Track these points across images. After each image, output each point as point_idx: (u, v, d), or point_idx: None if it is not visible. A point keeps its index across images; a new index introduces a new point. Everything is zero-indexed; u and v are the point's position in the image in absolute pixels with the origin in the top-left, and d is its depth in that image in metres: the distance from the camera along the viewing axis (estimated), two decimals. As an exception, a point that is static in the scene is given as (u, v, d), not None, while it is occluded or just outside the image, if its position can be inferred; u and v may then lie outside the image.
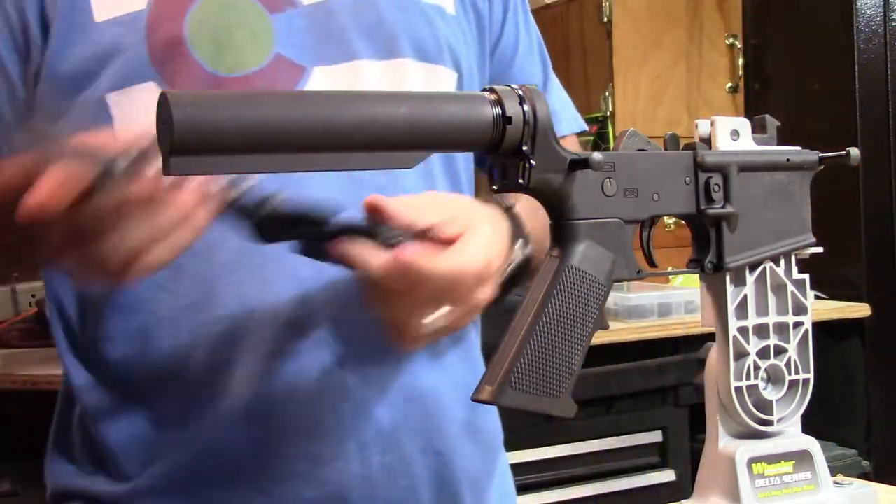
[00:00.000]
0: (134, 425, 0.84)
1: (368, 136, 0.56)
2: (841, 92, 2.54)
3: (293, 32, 0.84)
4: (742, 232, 0.69)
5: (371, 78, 0.86)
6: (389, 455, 0.84)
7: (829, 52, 2.60)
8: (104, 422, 0.85)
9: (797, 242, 0.72)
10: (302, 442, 0.82)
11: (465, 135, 0.59)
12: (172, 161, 0.52)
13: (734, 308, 0.70)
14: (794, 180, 0.72)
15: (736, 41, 2.77)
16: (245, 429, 0.81)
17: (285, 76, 0.83)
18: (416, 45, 0.88)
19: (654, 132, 0.90)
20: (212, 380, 0.82)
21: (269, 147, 0.54)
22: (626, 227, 0.65)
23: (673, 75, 2.69)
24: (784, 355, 0.71)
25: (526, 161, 0.60)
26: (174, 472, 0.83)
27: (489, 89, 0.60)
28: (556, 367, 0.62)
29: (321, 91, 0.79)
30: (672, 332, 2.15)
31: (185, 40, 0.81)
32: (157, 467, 0.83)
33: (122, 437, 0.84)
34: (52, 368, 1.62)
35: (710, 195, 0.68)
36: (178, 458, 0.83)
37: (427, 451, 0.87)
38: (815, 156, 0.72)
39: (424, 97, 0.60)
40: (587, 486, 2.11)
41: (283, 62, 0.83)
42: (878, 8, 2.54)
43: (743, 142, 0.70)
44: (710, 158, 0.68)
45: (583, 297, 0.63)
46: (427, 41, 0.89)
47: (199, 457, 0.82)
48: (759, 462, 0.70)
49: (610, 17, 2.61)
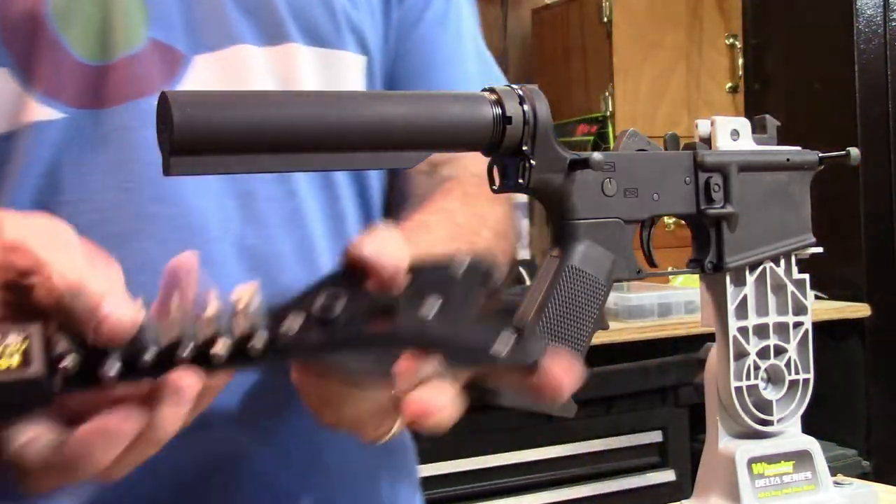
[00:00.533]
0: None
1: (368, 135, 0.56)
2: (841, 92, 2.54)
3: (168, 13, 0.73)
4: (742, 232, 0.69)
5: (256, 66, 0.75)
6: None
7: (829, 52, 2.60)
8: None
9: (797, 242, 0.72)
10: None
11: (465, 135, 0.59)
12: (172, 161, 0.52)
13: (734, 308, 0.70)
14: (794, 180, 0.72)
15: (736, 41, 2.77)
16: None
17: (162, 65, 0.72)
18: (307, 27, 0.77)
19: (654, 132, 0.90)
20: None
21: (270, 147, 0.54)
22: (626, 227, 0.65)
23: (673, 75, 2.69)
24: (784, 355, 0.72)
25: (526, 161, 0.60)
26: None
27: (489, 89, 0.60)
28: (556, 367, 0.62)
29: (322, 91, 0.79)
30: (672, 332, 2.15)
31: (46, 17, 0.69)
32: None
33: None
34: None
35: (710, 195, 0.68)
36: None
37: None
38: (815, 156, 0.72)
39: (425, 97, 0.60)
40: (587, 486, 2.11)
41: (160, 48, 0.72)
42: (878, 8, 2.54)
43: (743, 142, 0.70)
44: (710, 158, 0.68)
45: (583, 297, 0.63)
46: (321, 22, 0.78)
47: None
48: (759, 462, 0.70)
49: (610, 17, 2.61)
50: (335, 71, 0.78)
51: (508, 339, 0.52)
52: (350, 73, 0.79)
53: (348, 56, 0.79)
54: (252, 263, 0.72)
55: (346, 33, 0.79)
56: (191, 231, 0.70)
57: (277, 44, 0.76)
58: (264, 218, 0.74)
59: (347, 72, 0.79)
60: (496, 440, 2.00)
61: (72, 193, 0.70)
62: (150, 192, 0.70)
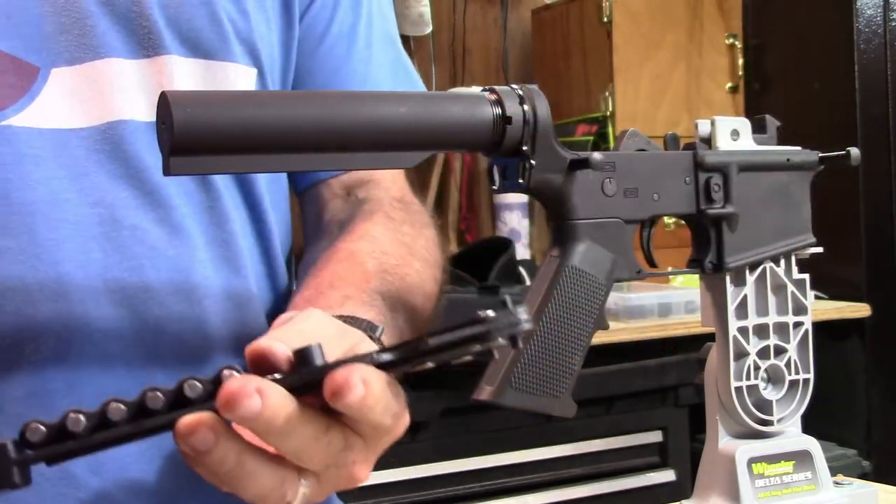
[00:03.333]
0: None
1: (368, 135, 0.56)
2: (841, 92, 2.54)
3: (22, 21, 0.66)
4: (742, 232, 0.69)
5: (125, 80, 0.69)
6: None
7: (829, 52, 2.60)
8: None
9: (797, 242, 0.72)
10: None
11: (465, 135, 0.59)
12: (172, 161, 0.52)
13: (734, 308, 0.70)
14: (794, 180, 0.72)
15: (736, 41, 2.77)
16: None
17: (14, 79, 0.65)
18: (187, 38, 0.71)
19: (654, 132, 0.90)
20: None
21: (270, 147, 0.54)
22: (626, 227, 0.65)
23: (673, 75, 2.68)
24: (784, 355, 0.71)
25: (526, 161, 0.60)
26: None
27: (489, 89, 0.60)
28: (557, 366, 0.62)
29: (322, 91, 0.79)
30: (672, 332, 2.15)
31: None
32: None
33: None
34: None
35: (710, 195, 0.68)
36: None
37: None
38: (815, 156, 0.72)
39: (425, 97, 0.60)
40: (587, 486, 2.11)
41: (7, 60, 0.65)
42: (878, 8, 2.54)
43: (743, 142, 0.70)
44: (710, 158, 0.68)
45: (583, 297, 0.63)
46: (204, 34, 0.72)
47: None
48: (759, 462, 0.70)
49: (610, 17, 2.60)
50: (219, 83, 0.73)
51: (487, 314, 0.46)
52: (238, 86, 0.74)
53: (237, 68, 0.74)
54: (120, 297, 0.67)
55: (233, 44, 0.73)
56: (40, 263, 0.65)
57: (151, 56, 0.70)
58: (130, 247, 0.68)
59: (235, 85, 0.74)
60: (496, 440, 2.00)
61: None
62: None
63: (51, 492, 0.65)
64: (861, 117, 2.52)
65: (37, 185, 0.65)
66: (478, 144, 0.60)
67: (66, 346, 0.66)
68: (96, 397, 0.48)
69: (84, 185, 0.67)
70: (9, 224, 0.64)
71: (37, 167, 0.66)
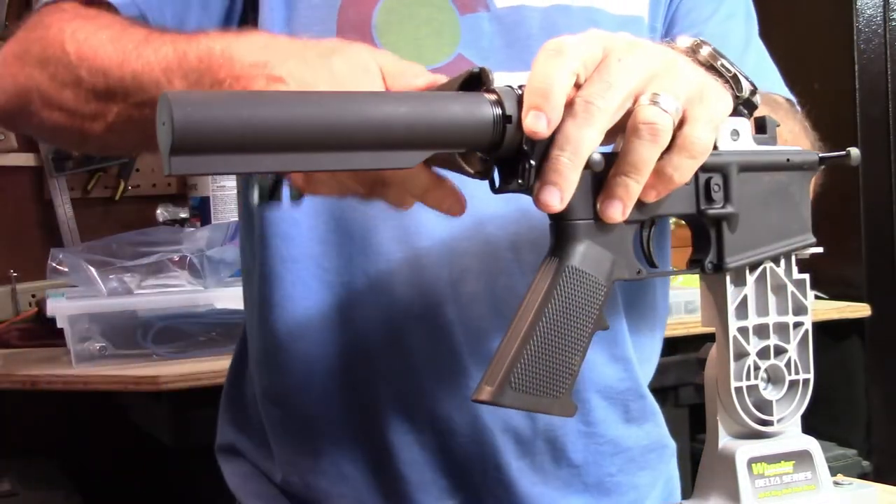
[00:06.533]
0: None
1: (368, 135, 0.56)
2: (841, 92, 2.54)
3: (480, 35, 0.84)
4: (742, 232, 0.69)
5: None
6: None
7: (829, 52, 2.60)
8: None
9: (797, 242, 0.72)
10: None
11: (465, 135, 0.59)
12: (173, 161, 0.52)
13: (734, 308, 0.70)
14: (794, 180, 0.72)
15: (736, 41, 2.77)
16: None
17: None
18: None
19: (654, 132, 0.89)
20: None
21: (270, 147, 0.54)
22: (626, 228, 0.65)
23: (673, 75, 2.68)
24: (784, 355, 0.71)
25: (526, 161, 0.60)
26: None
27: (489, 89, 0.60)
28: (557, 367, 0.62)
29: (321, 91, 0.79)
30: (672, 332, 2.15)
31: (372, 26, 0.82)
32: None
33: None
34: (52, 368, 1.61)
35: (710, 195, 0.68)
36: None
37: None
38: (815, 156, 0.72)
39: (425, 97, 0.60)
40: (587, 486, 2.11)
41: (464, 63, 0.83)
42: (878, 8, 2.54)
43: (743, 142, 0.70)
44: (710, 158, 0.68)
45: (583, 297, 0.63)
46: None
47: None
48: (759, 462, 0.70)
49: (610, 17, 2.60)
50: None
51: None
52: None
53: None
54: None
55: None
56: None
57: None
58: None
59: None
60: (496, 440, 2.00)
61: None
62: None
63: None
64: (861, 117, 2.52)
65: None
66: (478, 144, 0.60)
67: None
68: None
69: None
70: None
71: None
